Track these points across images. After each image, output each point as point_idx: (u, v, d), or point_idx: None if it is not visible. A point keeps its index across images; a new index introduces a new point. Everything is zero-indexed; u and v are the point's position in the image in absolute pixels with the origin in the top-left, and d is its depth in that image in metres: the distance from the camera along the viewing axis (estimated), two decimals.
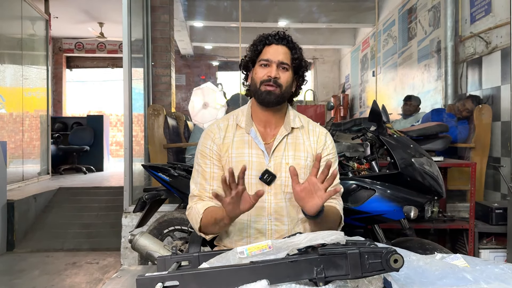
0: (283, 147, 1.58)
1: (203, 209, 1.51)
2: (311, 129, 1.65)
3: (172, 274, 0.97)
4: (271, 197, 1.56)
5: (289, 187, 1.55)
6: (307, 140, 1.62)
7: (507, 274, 1.12)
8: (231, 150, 1.57)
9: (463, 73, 4.60)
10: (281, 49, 1.57)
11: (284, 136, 1.59)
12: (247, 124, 1.60)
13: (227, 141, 1.59)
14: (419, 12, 5.78)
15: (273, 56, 1.55)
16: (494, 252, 3.20)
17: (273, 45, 1.57)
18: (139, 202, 2.89)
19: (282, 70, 1.56)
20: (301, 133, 1.63)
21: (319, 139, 1.63)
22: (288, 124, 1.61)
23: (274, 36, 1.58)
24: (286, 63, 1.56)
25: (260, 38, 1.60)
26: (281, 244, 1.03)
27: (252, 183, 1.55)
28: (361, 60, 8.35)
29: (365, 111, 7.81)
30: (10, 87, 6.01)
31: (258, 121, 1.62)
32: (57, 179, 6.91)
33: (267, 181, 1.54)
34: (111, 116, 12.24)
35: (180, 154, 4.34)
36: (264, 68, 1.56)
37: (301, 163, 1.58)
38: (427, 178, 2.29)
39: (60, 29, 9.34)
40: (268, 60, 1.55)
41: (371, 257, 0.95)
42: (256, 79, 1.57)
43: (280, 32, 1.59)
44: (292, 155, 1.58)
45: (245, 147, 1.57)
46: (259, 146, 1.57)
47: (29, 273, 3.78)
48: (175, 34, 6.63)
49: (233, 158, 1.56)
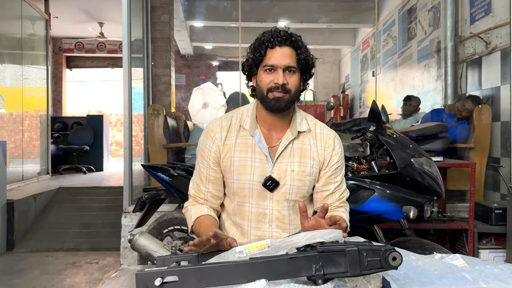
0: (289, 152, 1.51)
1: (195, 217, 1.51)
2: (318, 133, 1.56)
3: (171, 269, 0.98)
4: (273, 204, 1.52)
5: (293, 195, 1.52)
6: (314, 145, 1.54)
7: (506, 274, 1.12)
8: (233, 153, 1.52)
9: (463, 73, 4.60)
10: (286, 51, 1.45)
11: (290, 141, 1.51)
12: (252, 126, 1.52)
13: (229, 142, 1.53)
14: (419, 12, 5.78)
15: (278, 60, 1.44)
16: (493, 252, 3.20)
17: (277, 48, 1.45)
18: (138, 202, 2.89)
19: (289, 73, 1.46)
20: (308, 137, 1.54)
21: (327, 144, 1.55)
22: (295, 128, 1.53)
23: (276, 38, 1.45)
24: (293, 66, 1.45)
25: (261, 40, 1.48)
26: (280, 243, 1.03)
27: (254, 189, 1.50)
28: (361, 60, 8.35)
29: (365, 111, 7.81)
30: (10, 87, 6.02)
31: (263, 123, 1.54)
32: (57, 179, 6.91)
33: (270, 188, 1.49)
34: (111, 116, 12.24)
35: (180, 154, 4.34)
36: (269, 74, 1.46)
37: (307, 170, 1.52)
38: (427, 178, 2.29)
39: (60, 29, 9.34)
40: (273, 66, 1.45)
41: (370, 255, 0.95)
42: (262, 85, 1.47)
43: (281, 31, 1.47)
44: (298, 161, 1.51)
45: (248, 151, 1.51)
46: (263, 150, 1.50)
47: (28, 273, 3.78)
48: (175, 34, 6.63)
49: (235, 162, 1.51)
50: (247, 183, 1.51)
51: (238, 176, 1.51)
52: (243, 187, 1.51)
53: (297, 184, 1.51)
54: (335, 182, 1.57)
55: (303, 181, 1.52)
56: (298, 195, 1.53)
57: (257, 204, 1.52)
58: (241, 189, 1.52)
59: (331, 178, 1.56)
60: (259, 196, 1.51)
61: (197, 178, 1.59)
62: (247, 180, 1.51)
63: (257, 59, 1.48)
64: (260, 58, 1.47)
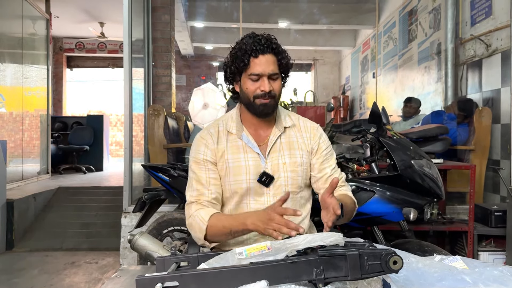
0: (278, 147, 1.60)
1: (208, 216, 1.47)
2: (302, 126, 1.66)
3: (171, 275, 0.98)
4: (270, 198, 1.56)
5: (289, 186, 1.56)
6: (300, 137, 1.64)
7: (506, 276, 1.12)
8: (226, 156, 1.57)
9: (463, 76, 4.60)
10: (269, 59, 1.51)
11: (277, 136, 1.60)
12: (238, 129, 1.60)
13: (221, 147, 1.58)
14: (419, 14, 5.78)
15: (263, 68, 1.50)
16: (493, 254, 3.20)
17: (260, 57, 1.50)
18: (138, 202, 2.89)
19: (273, 80, 1.53)
20: (294, 131, 1.64)
21: (312, 135, 1.65)
22: (280, 124, 1.62)
23: (259, 46, 1.50)
24: (276, 72, 1.53)
25: (244, 49, 1.51)
26: (280, 245, 1.03)
27: (251, 187, 1.55)
28: (362, 62, 8.36)
29: (365, 112, 7.82)
30: (10, 86, 6.02)
31: (249, 125, 1.61)
32: (57, 179, 6.90)
33: (266, 183, 1.55)
34: (111, 116, 12.25)
35: (180, 154, 4.34)
36: (255, 82, 1.52)
37: (298, 161, 1.60)
38: (427, 180, 2.29)
39: (61, 29, 9.34)
40: (258, 75, 1.51)
41: (371, 259, 0.95)
42: (248, 92, 1.53)
43: (262, 39, 1.52)
44: (288, 154, 1.59)
45: (240, 152, 1.57)
46: (254, 149, 1.57)
47: (28, 272, 3.78)
48: (176, 35, 6.63)
49: (230, 164, 1.56)
50: (244, 182, 1.55)
51: (234, 177, 1.56)
52: (241, 187, 1.56)
53: (291, 175, 1.58)
54: (330, 166, 1.66)
55: (296, 171, 1.59)
56: (293, 186, 1.58)
57: (255, 201, 1.57)
58: (239, 189, 1.56)
59: (324, 163, 1.65)
60: (256, 193, 1.57)
61: (196, 185, 1.56)
62: (244, 180, 1.55)
63: (241, 68, 1.53)
64: (244, 67, 1.52)
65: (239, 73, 1.55)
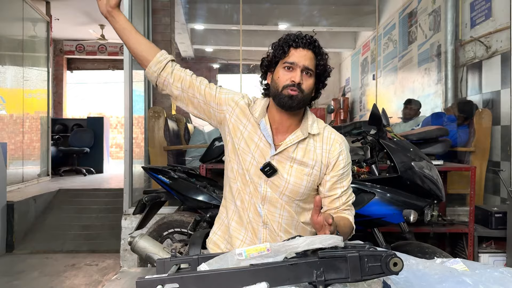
0: (293, 149, 1.53)
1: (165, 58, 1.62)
2: (326, 136, 1.57)
3: (172, 277, 0.98)
4: (267, 187, 1.54)
5: (288, 190, 1.53)
6: (319, 148, 1.55)
7: (506, 278, 1.12)
8: (241, 134, 1.56)
9: (463, 77, 4.61)
10: (308, 54, 1.51)
11: (300, 139, 1.53)
12: (260, 114, 1.56)
13: (244, 120, 1.57)
14: (419, 16, 5.79)
15: (299, 60, 1.49)
16: (493, 256, 3.20)
17: (300, 49, 1.51)
18: (138, 204, 2.89)
19: (306, 75, 1.51)
20: (314, 139, 1.56)
21: (332, 148, 1.55)
22: (306, 129, 1.55)
23: (302, 39, 1.51)
24: (311, 69, 1.51)
25: (287, 38, 1.53)
26: (279, 247, 1.03)
27: (254, 165, 1.53)
28: (362, 64, 8.36)
29: (365, 114, 7.82)
30: (10, 89, 6.02)
31: (272, 121, 1.56)
32: (57, 181, 6.91)
33: (268, 174, 1.51)
34: (112, 118, 12.26)
35: (180, 156, 4.34)
36: (287, 72, 1.50)
37: (306, 170, 1.53)
38: (427, 181, 2.29)
39: (61, 31, 9.36)
40: (293, 64, 1.49)
41: (371, 260, 0.95)
42: (279, 82, 1.51)
43: (307, 35, 1.54)
44: (300, 160, 1.53)
45: (254, 139, 1.55)
46: (267, 138, 1.53)
47: (28, 275, 3.78)
48: (176, 37, 6.64)
49: (243, 139, 1.55)
50: (249, 156, 1.54)
51: (244, 148, 1.55)
52: (246, 159, 1.55)
53: (293, 180, 1.52)
54: (342, 187, 1.57)
55: (300, 178, 1.53)
56: (292, 192, 1.53)
57: (251, 180, 1.54)
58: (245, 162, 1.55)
59: (337, 183, 1.56)
60: (255, 173, 1.53)
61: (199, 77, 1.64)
62: (249, 159, 1.54)
63: (279, 55, 1.52)
64: (282, 54, 1.51)
65: (275, 62, 1.54)
